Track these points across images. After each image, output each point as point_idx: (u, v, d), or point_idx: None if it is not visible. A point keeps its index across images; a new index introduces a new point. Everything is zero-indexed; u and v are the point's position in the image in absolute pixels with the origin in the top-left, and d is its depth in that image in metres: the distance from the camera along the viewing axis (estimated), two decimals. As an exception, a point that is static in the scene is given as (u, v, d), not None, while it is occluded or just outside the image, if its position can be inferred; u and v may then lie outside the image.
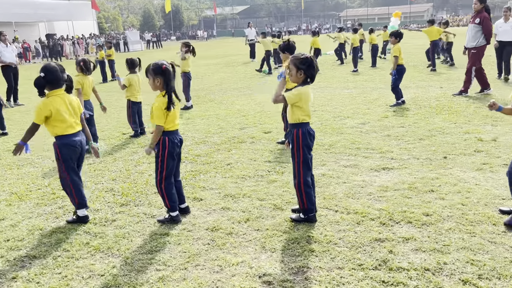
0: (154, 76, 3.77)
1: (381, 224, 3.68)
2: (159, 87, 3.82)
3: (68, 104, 3.91)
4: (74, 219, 4.07)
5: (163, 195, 3.92)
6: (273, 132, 7.06)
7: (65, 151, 3.89)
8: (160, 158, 3.85)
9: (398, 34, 8.70)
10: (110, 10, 66.31)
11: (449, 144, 5.84)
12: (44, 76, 3.80)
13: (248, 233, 3.68)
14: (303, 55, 3.67)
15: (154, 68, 3.77)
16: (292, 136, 3.73)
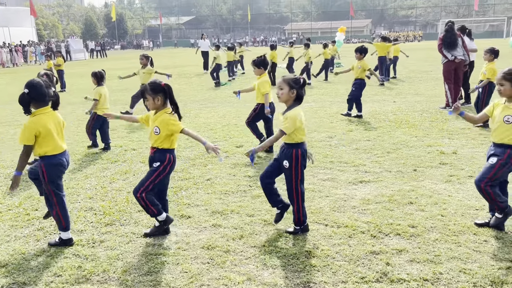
0: (154, 95, 3.75)
1: (372, 237, 3.85)
2: (158, 105, 3.80)
3: (56, 122, 3.75)
4: (57, 242, 3.87)
5: (145, 202, 3.82)
6: (245, 146, 7.12)
7: (52, 172, 3.71)
8: (159, 172, 3.83)
9: (363, 50, 9.08)
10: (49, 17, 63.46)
11: (415, 157, 6.19)
12: (28, 93, 3.62)
13: (245, 250, 3.70)
14: (295, 75, 3.83)
15: (153, 87, 3.75)
16: (290, 156, 3.81)
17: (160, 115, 3.84)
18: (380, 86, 14.10)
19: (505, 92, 3.76)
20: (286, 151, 3.86)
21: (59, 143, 3.75)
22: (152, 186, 3.84)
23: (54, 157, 3.71)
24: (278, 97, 3.86)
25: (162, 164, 3.84)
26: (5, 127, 9.45)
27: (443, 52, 9.84)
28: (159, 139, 3.84)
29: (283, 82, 3.79)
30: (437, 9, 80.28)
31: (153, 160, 3.91)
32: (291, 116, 3.74)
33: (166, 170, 3.89)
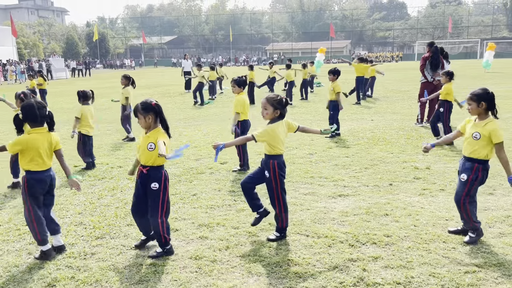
0: (145, 114, 3.87)
1: (350, 246, 4.11)
2: (150, 124, 3.91)
3: (48, 143, 3.93)
4: (40, 256, 4.00)
5: (162, 229, 3.93)
6: (229, 162, 7.35)
7: (33, 186, 3.88)
8: (162, 192, 3.93)
9: (336, 72, 9.54)
10: (30, 36, 63.15)
11: (391, 172, 6.53)
12: (23, 114, 3.85)
13: (231, 260, 3.92)
14: (278, 96, 4.14)
15: (144, 106, 3.88)
16: (269, 167, 4.10)
17: (154, 133, 3.89)
18: (356, 105, 14.60)
19: (473, 111, 4.12)
20: (266, 161, 4.14)
21: (45, 161, 3.91)
22: (166, 206, 3.97)
23: (38, 173, 3.88)
24: (263, 116, 4.15)
25: (161, 183, 3.91)
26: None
27: (424, 73, 10.41)
28: (153, 157, 3.86)
29: (267, 103, 4.09)
30: (413, 31, 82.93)
31: (149, 179, 3.93)
32: (268, 128, 4.05)
33: (167, 186, 3.99)
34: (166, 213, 4.00)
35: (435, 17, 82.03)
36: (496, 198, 5.30)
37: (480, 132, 3.99)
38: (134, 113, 3.99)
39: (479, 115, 4.11)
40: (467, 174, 4.06)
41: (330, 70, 9.61)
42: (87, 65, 46.20)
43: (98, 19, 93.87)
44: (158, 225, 3.93)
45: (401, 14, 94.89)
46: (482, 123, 4.03)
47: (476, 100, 4.06)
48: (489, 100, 4.02)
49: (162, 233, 3.95)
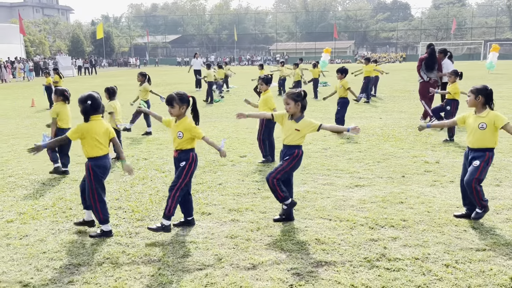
0: (181, 104, 4.37)
1: (370, 228, 4.52)
2: (181, 113, 4.42)
3: (104, 129, 4.37)
4: (98, 234, 4.44)
5: (172, 201, 4.38)
6: (248, 156, 7.77)
7: (97, 171, 4.31)
8: (186, 170, 4.40)
9: (344, 70, 9.99)
10: (36, 34, 63.63)
11: (403, 165, 6.94)
12: (91, 104, 4.27)
13: (264, 239, 4.33)
14: (297, 90, 4.56)
15: (182, 97, 4.38)
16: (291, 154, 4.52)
17: (182, 121, 4.43)
18: (365, 103, 15.01)
19: (470, 102, 4.57)
20: (287, 151, 4.56)
21: (103, 147, 4.36)
22: (185, 183, 4.42)
23: (99, 158, 4.32)
24: (287, 111, 4.55)
25: (187, 163, 4.41)
26: (16, 139, 9.92)
27: (420, 73, 11.12)
28: (182, 142, 4.42)
29: (288, 98, 4.51)
30: (417, 32, 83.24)
31: (179, 160, 4.47)
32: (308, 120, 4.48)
33: (192, 167, 4.44)
34: (181, 190, 4.40)
35: (438, 18, 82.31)
36: (502, 189, 5.70)
37: (486, 122, 4.43)
38: (169, 102, 4.40)
39: (477, 107, 4.54)
40: (479, 160, 4.47)
41: (338, 69, 10.06)
42: (91, 63, 46.68)
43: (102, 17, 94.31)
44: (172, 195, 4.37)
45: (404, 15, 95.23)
46: (483, 114, 4.50)
47: (475, 93, 4.51)
48: (487, 95, 4.47)
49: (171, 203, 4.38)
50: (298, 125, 4.53)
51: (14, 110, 15.61)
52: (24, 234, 4.51)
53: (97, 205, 4.38)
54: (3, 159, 7.89)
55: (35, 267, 3.80)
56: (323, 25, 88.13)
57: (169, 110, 4.45)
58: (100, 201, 4.39)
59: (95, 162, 4.33)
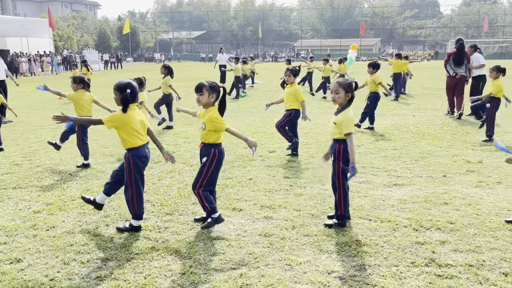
0: (210, 92, 4.14)
1: (414, 230, 4.19)
2: (210, 103, 4.18)
3: (140, 119, 4.18)
4: (127, 228, 4.25)
5: (201, 199, 4.17)
6: (277, 151, 7.50)
7: (137, 162, 4.12)
8: (207, 167, 4.15)
9: (375, 65, 9.60)
10: (64, 29, 64.74)
11: (443, 165, 6.54)
12: (130, 92, 4.08)
13: (300, 238, 4.06)
14: (349, 80, 4.24)
15: (212, 86, 4.16)
16: (335, 150, 4.20)
17: (207, 112, 4.19)
18: (394, 101, 14.52)
19: None
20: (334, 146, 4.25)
21: (142, 137, 4.17)
22: (206, 181, 4.16)
23: (138, 149, 4.13)
24: (334, 101, 4.24)
25: (208, 159, 4.15)
26: (43, 130, 9.91)
27: (447, 68, 11.20)
28: (205, 134, 4.17)
29: (339, 86, 4.18)
30: (446, 29, 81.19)
31: (202, 155, 4.24)
32: (347, 117, 4.15)
33: (213, 164, 4.16)
34: (204, 187, 4.16)
35: (469, 15, 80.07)
36: (555, 192, 5.27)
37: None
38: (198, 88, 4.15)
39: None
40: None
41: (370, 64, 9.69)
42: (117, 58, 47.13)
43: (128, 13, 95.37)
44: (196, 195, 4.17)
45: (433, 12, 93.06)
46: None
47: None
48: None
49: (202, 203, 4.17)
50: (336, 118, 4.21)
51: (42, 102, 15.74)
52: (51, 225, 4.36)
53: (134, 199, 4.18)
54: (31, 149, 7.84)
55: (62, 260, 3.63)
56: (349, 22, 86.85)
57: (197, 98, 4.21)
58: (138, 194, 4.19)
59: (136, 152, 4.14)
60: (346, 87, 4.17)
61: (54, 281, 3.31)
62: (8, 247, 3.87)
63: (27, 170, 6.42)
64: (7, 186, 5.65)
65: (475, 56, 11.34)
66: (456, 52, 11.01)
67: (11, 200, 5.14)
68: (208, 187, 4.21)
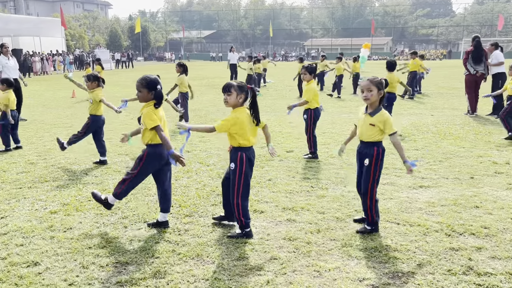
0: (239, 92, 3.94)
1: (447, 235, 3.99)
2: (238, 103, 3.97)
3: (163, 114, 4.06)
4: (154, 223, 4.18)
5: (238, 210, 3.94)
6: (295, 151, 7.32)
7: (150, 160, 4.00)
8: (238, 174, 3.92)
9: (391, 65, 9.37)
10: (76, 28, 65.14)
11: (468, 166, 6.31)
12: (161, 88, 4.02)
13: (326, 243, 3.88)
14: (380, 78, 4.04)
15: (240, 86, 3.96)
16: (371, 154, 3.98)
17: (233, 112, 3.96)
18: (410, 99, 14.25)
19: None
20: (367, 150, 4.03)
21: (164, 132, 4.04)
22: (242, 189, 3.94)
23: (158, 146, 3.99)
24: (367, 99, 4.01)
25: (236, 166, 3.93)
26: (57, 129, 9.84)
27: (467, 66, 11.10)
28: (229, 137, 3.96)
29: (371, 84, 3.97)
30: (458, 28, 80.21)
31: (230, 159, 4.01)
32: (386, 116, 3.93)
33: (243, 169, 3.92)
34: (242, 195, 3.95)
35: (482, 14, 79.03)
36: None
37: None
38: (226, 88, 3.98)
39: None
40: None
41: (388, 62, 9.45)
42: (128, 57, 47.25)
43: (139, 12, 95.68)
44: (234, 206, 3.96)
45: (445, 11, 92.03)
46: None
47: None
48: None
49: (238, 215, 3.95)
50: (373, 119, 4.00)
51: (56, 100, 15.72)
52: (68, 226, 4.23)
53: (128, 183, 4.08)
54: (46, 148, 7.76)
55: (80, 263, 3.49)
56: (360, 21, 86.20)
57: (224, 99, 4.00)
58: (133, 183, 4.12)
59: (154, 149, 4.03)
60: (378, 85, 3.96)
61: (73, 286, 3.17)
62: (25, 249, 3.74)
63: (42, 169, 6.32)
64: (22, 186, 5.54)
65: (495, 54, 11.22)
66: (474, 50, 10.99)
67: (27, 200, 5.03)
68: (246, 193, 3.98)
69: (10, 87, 7.55)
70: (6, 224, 4.31)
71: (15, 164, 6.63)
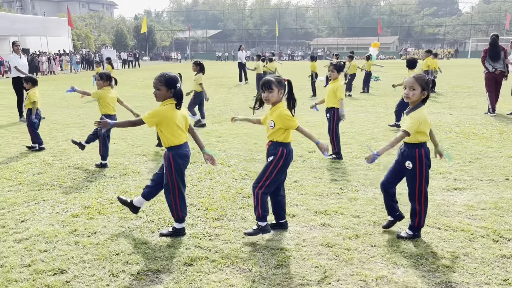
0: (280, 88, 3.79)
1: (494, 242, 3.75)
2: (279, 99, 3.85)
3: (181, 116, 3.84)
4: (170, 232, 3.92)
5: (257, 201, 3.81)
6: (317, 151, 7.09)
7: (178, 161, 3.79)
8: (272, 166, 3.81)
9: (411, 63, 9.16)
10: (83, 28, 65.17)
11: (501, 167, 6.06)
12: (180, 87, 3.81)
13: (367, 249, 3.66)
14: (428, 77, 3.80)
15: (280, 81, 3.81)
16: (414, 156, 3.75)
17: (276, 109, 3.84)
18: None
19: None
20: (408, 152, 3.80)
21: (184, 134, 3.83)
22: (270, 181, 3.82)
23: (180, 147, 3.79)
24: (408, 98, 3.78)
25: (275, 158, 3.82)
26: (70, 128, 9.66)
27: (485, 64, 10.92)
28: (273, 133, 3.85)
29: (416, 82, 3.73)
30: (465, 27, 79.60)
31: (268, 154, 3.91)
32: (415, 116, 3.69)
33: (280, 163, 3.82)
34: (266, 188, 3.81)
35: (489, 13, 78.34)
36: None
37: None
38: (267, 86, 3.79)
39: None
40: None
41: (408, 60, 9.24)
42: (135, 57, 47.15)
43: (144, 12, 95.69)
44: (254, 194, 3.83)
45: (451, 10, 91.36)
46: None
47: None
48: None
49: (256, 205, 3.82)
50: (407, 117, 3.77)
51: (65, 100, 15.57)
52: (92, 231, 4.03)
53: (177, 201, 3.85)
54: (61, 148, 7.57)
55: (109, 271, 3.29)
56: (365, 20, 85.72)
57: (265, 96, 3.82)
58: (180, 197, 3.87)
59: (177, 151, 3.80)
60: (423, 84, 3.72)
61: (104, 296, 2.97)
62: (50, 255, 3.55)
63: (59, 170, 6.13)
64: (40, 187, 5.35)
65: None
66: (491, 48, 10.82)
67: (46, 202, 4.84)
68: (270, 189, 3.84)
69: (34, 85, 7.43)
70: (27, 228, 4.11)
71: (31, 165, 6.45)
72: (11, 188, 5.35)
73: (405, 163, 3.81)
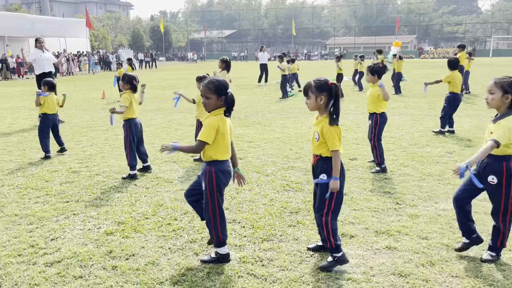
0: (318, 94, 3.25)
1: None
2: (320, 106, 3.29)
3: (229, 127, 3.38)
4: (214, 258, 3.45)
5: (327, 230, 3.32)
6: (358, 159, 6.60)
7: (221, 178, 3.33)
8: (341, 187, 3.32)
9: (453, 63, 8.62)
10: (100, 29, 65.47)
11: None
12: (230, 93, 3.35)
13: (448, 280, 3.16)
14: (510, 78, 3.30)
15: (319, 85, 3.25)
16: (500, 170, 3.25)
17: (323, 120, 3.31)
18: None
19: None
20: (493, 164, 3.29)
21: (228, 148, 3.37)
22: (334, 205, 3.30)
23: (223, 163, 3.34)
24: (487, 103, 3.32)
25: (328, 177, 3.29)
26: (94, 132, 9.31)
27: None
28: (319, 146, 3.33)
29: (495, 86, 3.25)
30: (485, 25, 77.88)
31: (318, 171, 3.39)
32: (506, 124, 3.19)
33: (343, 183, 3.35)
34: (333, 213, 3.32)
35: (510, 10, 76.48)
36: None
37: None
38: (304, 91, 3.32)
39: None
40: None
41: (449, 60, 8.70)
42: (152, 57, 47.07)
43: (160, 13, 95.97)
44: (322, 224, 3.32)
45: (470, 8, 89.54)
46: None
47: None
48: None
49: (327, 235, 3.30)
50: (495, 126, 3.27)
51: (87, 102, 15.31)
52: (130, 252, 3.61)
53: (218, 222, 3.39)
54: (86, 154, 7.21)
55: (155, 306, 2.86)
56: (382, 19, 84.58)
57: (305, 102, 3.36)
58: (220, 216, 3.41)
59: (220, 166, 3.33)
60: (506, 87, 3.23)
61: None
62: (86, 283, 3.13)
63: (87, 179, 5.74)
64: (69, 199, 4.97)
65: None
66: None
67: (76, 216, 4.44)
68: (337, 212, 3.35)
69: (51, 90, 7.07)
70: (59, 248, 3.71)
71: (57, 172, 6.09)
72: (37, 199, 4.98)
73: (488, 177, 3.31)
